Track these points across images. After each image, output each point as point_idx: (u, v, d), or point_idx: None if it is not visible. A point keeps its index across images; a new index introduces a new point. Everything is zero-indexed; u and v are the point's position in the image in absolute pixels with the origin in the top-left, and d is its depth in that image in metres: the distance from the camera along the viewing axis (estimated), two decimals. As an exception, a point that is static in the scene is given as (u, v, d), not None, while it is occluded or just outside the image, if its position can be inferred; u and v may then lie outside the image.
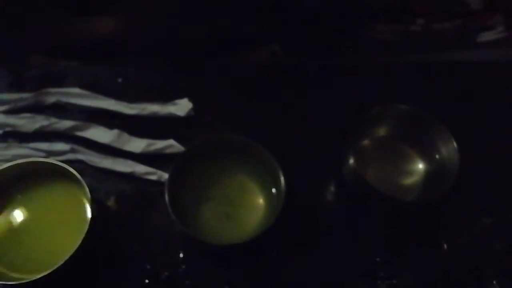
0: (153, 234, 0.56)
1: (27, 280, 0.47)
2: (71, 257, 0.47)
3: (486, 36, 0.89)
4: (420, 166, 0.60)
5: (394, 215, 0.57)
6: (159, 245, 0.55)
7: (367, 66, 0.73)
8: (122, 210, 0.58)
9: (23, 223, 0.53)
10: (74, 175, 0.52)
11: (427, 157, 0.60)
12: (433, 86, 0.70)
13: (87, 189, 0.51)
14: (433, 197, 0.54)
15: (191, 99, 0.64)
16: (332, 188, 0.62)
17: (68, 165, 0.53)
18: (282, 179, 0.52)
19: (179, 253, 0.55)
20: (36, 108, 0.64)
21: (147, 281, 0.53)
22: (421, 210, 0.56)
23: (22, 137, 0.61)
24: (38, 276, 0.46)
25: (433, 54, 0.92)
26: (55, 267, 0.46)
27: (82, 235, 0.48)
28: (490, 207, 0.56)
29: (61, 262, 0.46)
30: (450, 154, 0.56)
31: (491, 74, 0.72)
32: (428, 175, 0.59)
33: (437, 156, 0.58)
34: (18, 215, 0.53)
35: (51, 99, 0.64)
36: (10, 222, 0.53)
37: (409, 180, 0.60)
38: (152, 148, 0.60)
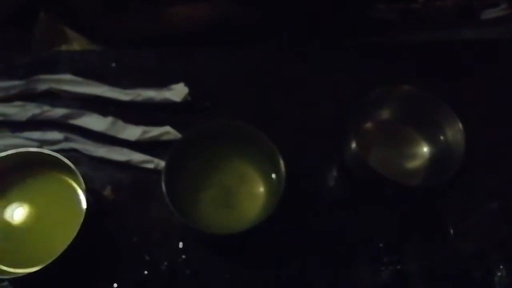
0: (151, 224, 0.55)
1: (23, 274, 0.47)
2: (67, 249, 0.46)
3: (490, 13, 0.86)
4: (425, 149, 0.59)
5: (398, 199, 0.56)
6: (158, 235, 0.54)
7: (369, 47, 0.71)
8: (119, 200, 0.56)
9: (17, 215, 0.52)
10: (68, 165, 0.51)
11: (431, 139, 0.58)
12: (436, 65, 0.68)
13: (81, 179, 0.50)
14: (438, 181, 0.53)
15: (187, 84, 0.62)
16: (334, 173, 0.60)
17: (62, 154, 0.51)
18: (282, 165, 0.51)
19: (179, 243, 0.54)
20: (28, 96, 0.62)
21: (146, 272, 0.52)
22: (426, 194, 0.55)
23: (14, 126, 0.60)
24: (34, 270, 0.46)
25: (434, 33, 0.90)
26: (50, 260, 0.45)
27: (78, 227, 0.47)
28: (497, 191, 0.55)
29: (57, 255, 0.46)
30: (455, 136, 0.54)
31: (495, 52, 0.70)
32: (433, 158, 0.57)
33: (442, 138, 0.56)
34: (12, 207, 0.52)
35: (43, 86, 0.62)
36: (3, 215, 0.52)
37: (414, 164, 0.58)
38: (148, 135, 0.58)
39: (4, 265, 0.49)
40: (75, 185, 0.54)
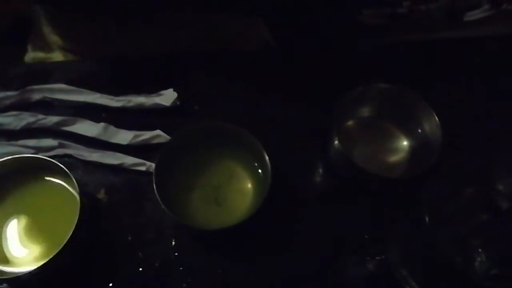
0: (144, 223, 0.57)
1: (20, 274, 0.48)
2: (63, 249, 0.48)
3: (473, 15, 0.89)
4: (405, 143, 0.61)
5: (380, 192, 0.58)
6: (151, 234, 0.56)
7: (353, 49, 0.73)
8: (113, 201, 0.58)
9: (14, 219, 0.54)
10: (62, 169, 0.53)
11: (410, 134, 0.61)
12: (416, 64, 0.71)
13: (75, 183, 0.52)
14: (418, 172, 0.55)
15: (176, 89, 0.65)
16: (320, 170, 0.62)
17: (57, 160, 0.53)
18: (267, 162, 0.53)
19: (171, 241, 0.56)
20: (22, 106, 0.64)
21: (140, 269, 0.54)
22: (407, 186, 0.57)
23: (9, 135, 0.62)
24: (30, 269, 0.47)
25: (418, 35, 0.93)
26: (47, 260, 0.47)
27: (73, 228, 0.49)
28: (474, 179, 0.57)
29: (53, 254, 0.47)
30: (432, 130, 0.57)
31: (474, 51, 0.73)
32: (413, 151, 0.60)
33: (420, 132, 0.59)
34: (9, 212, 0.54)
35: (37, 96, 0.64)
36: (1, 218, 0.54)
37: (395, 158, 0.61)
38: (139, 139, 0.61)
39: (1, 267, 0.51)
40: (70, 189, 0.55)
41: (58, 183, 0.56)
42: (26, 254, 0.52)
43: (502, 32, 0.82)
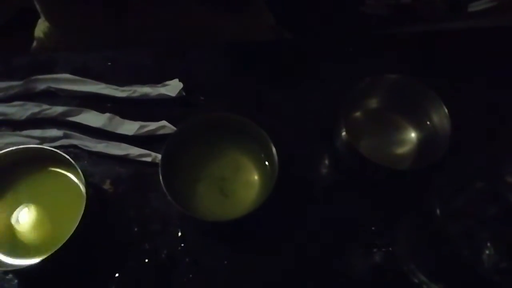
0: (150, 214, 0.56)
1: (26, 265, 0.48)
2: (69, 240, 0.47)
3: (477, 6, 0.88)
4: (413, 134, 0.61)
5: (388, 184, 0.58)
6: (157, 225, 0.56)
7: (358, 40, 0.72)
8: (119, 192, 0.58)
9: (19, 210, 0.54)
10: (68, 160, 0.52)
11: (419, 125, 0.60)
12: (423, 55, 0.70)
13: (81, 174, 0.52)
14: (426, 164, 0.55)
15: (181, 80, 0.64)
16: (326, 162, 0.62)
17: (62, 150, 0.53)
18: (274, 153, 0.52)
19: (178, 232, 0.55)
20: (27, 96, 0.63)
21: (147, 260, 0.54)
22: (415, 178, 0.56)
23: (14, 125, 0.62)
24: (36, 261, 0.47)
25: (423, 26, 0.92)
26: (53, 251, 0.47)
27: (79, 219, 0.48)
28: (483, 172, 0.56)
29: (59, 246, 0.47)
30: (441, 121, 0.56)
31: (480, 41, 0.72)
32: (421, 143, 0.59)
33: (428, 124, 0.58)
34: (14, 202, 0.54)
35: (41, 86, 0.64)
36: (6, 209, 0.54)
37: (403, 149, 0.60)
38: (145, 130, 0.60)
39: (7, 258, 0.51)
40: (75, 179, 0.55)
41: (63, 174, 0.56)
42: (32, 246, 0.52)
43: (506, 23, 0.81)
